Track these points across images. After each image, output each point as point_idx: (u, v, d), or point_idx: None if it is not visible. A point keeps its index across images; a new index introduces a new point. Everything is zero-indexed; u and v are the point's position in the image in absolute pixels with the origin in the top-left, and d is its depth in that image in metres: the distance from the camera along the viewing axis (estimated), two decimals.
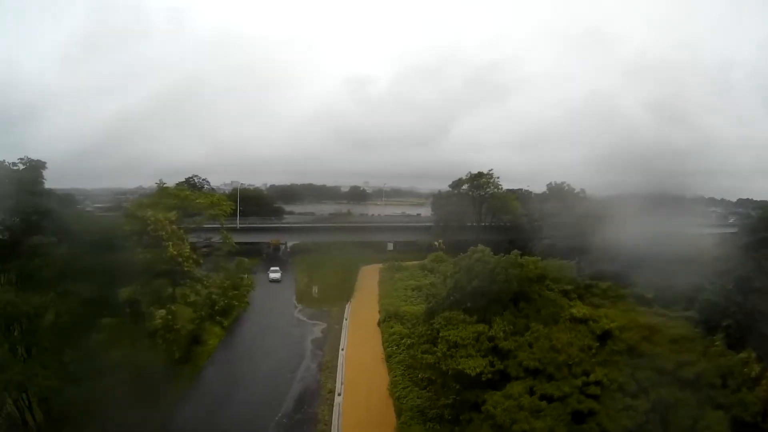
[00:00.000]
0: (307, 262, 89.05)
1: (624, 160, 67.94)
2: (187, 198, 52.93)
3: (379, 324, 56.33)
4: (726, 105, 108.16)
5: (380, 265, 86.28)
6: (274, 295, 71.85)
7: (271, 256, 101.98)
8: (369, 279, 78.72)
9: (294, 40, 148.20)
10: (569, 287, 38.41)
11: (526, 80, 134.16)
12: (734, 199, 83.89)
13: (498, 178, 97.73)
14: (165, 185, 53.43)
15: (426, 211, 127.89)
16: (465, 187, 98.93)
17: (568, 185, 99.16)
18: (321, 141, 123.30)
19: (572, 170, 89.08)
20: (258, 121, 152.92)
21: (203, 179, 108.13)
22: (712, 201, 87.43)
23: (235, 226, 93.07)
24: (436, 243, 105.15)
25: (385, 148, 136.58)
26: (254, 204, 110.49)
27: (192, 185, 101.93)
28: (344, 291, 70.88)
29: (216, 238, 57.29)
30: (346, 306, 64.88)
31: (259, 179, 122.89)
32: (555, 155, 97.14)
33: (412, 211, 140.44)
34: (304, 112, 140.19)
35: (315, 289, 67.70)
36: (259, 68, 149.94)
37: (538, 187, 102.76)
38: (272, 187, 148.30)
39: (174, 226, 43.95)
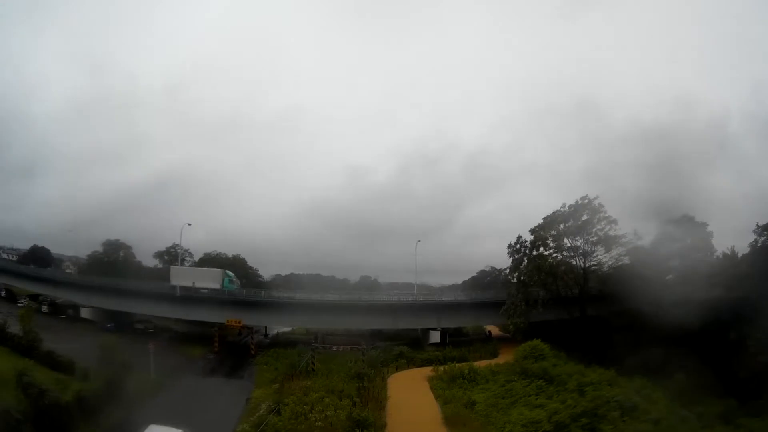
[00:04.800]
0: (285, 364, 41.60)
1: None
2: None
3: None
4: (727, 157, 79.17)
5: (426, 371, 41.28)
6: None
7: (233, 347, 54.97)
8: (411, 405, 32.09)
9: (294, 129, 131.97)
10: None
11: (526, 165, 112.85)
12: None
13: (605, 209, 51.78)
14: None
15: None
16: (561, 227, 52.29)
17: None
18: (323, 234, 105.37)
19: None
20: (256, 210, 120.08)
21: (186, 250, 75.44)
22: None
23: (173, 293, 56.48)
24: (487, 330, 66.47)
25: (390, 242, 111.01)
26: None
27: (173, 256, 74.03)
28: None
29: None
30: None
31: (263, 271, 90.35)
32: None
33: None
34: (304, 203, 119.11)
35: None
36: (257, 155, 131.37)
37: None
38: (276, 276, 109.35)
39: None
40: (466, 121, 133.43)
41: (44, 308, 62.12)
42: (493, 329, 66.15)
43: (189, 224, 61.97)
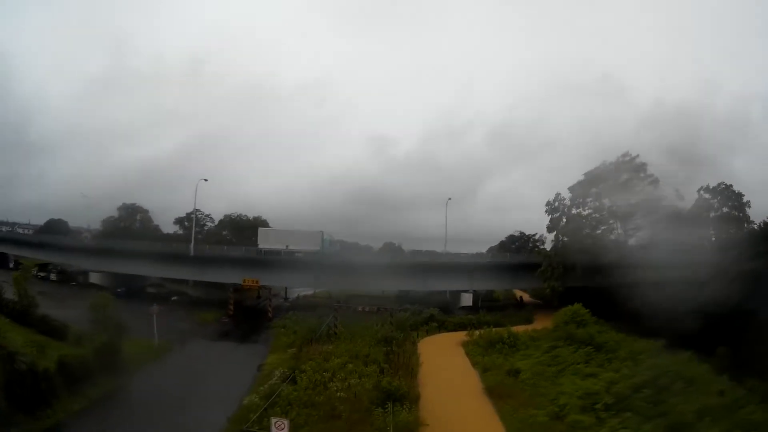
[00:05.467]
0: (305, 328, 37.39)
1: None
2: None
3: None
4: (750, 141, 72.85)
5: (460, 336, 36.70)
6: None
7: (250, 311, 50.66)
8: (446, 373, 27.66)
9: (321, 101, 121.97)
10: None
11: (549, 139, 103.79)
12: None
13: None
14: None
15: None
16: (601, 186, 47.57)
17: None
18: (346, 203, 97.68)
19: None
20: (280, 180, 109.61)
21: (207, 215, 71.13)
22: None
23: (187, 253, 52.79)
24: (519, 296, 61.38)
25: (413, 212, 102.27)
26: (249, 238, 62.65)
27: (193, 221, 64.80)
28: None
29: None
30: None
31: None
32: None
33: None
34: (328, 172, 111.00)
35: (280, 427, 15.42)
36: (280, 126, 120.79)
37: None
38: None
39: None
40: (490, 95, 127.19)
41: (53, 276, 58.54)
42: (524, 296, 61.42)
43: (205, 180, 57.00)
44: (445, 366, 28.16)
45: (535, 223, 79.97)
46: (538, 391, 22.97)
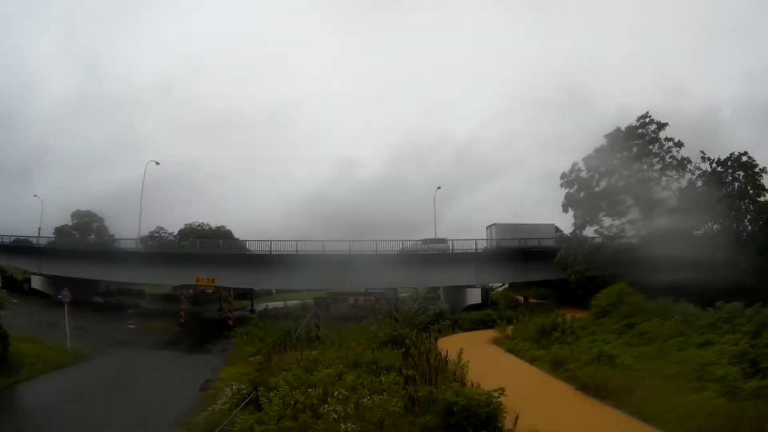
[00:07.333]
0: (275, 333, 26.99)
1: None
2: None
3: None
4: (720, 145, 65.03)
5: (485, 334, 27.82)
6: None
7: (208, 322, 40.83)
8: (501, 377, 14.66)
9: (292, 123, 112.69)
10: None
11: (518, 156, 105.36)
12: None
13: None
14: None
15: None
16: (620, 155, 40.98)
17: None
18: (313, 226, 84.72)
19: None
20: (252, 200, 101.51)
21: (169, 233, 63.28)
22: None
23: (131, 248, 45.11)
24: (522, 297, 48.66)
25: (383, 234, 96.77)
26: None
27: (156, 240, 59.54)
28: None
29: None
30: None
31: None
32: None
33: None
34: (296, 195, 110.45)
35: None
36: (247, 150, 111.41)
37: None
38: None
39: None
40: (457, 114, 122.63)
41: None
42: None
43: (157, 163, 48.67)
44: (493, 368, 18.13)
45: None
46: (665, 374, 14.14)
